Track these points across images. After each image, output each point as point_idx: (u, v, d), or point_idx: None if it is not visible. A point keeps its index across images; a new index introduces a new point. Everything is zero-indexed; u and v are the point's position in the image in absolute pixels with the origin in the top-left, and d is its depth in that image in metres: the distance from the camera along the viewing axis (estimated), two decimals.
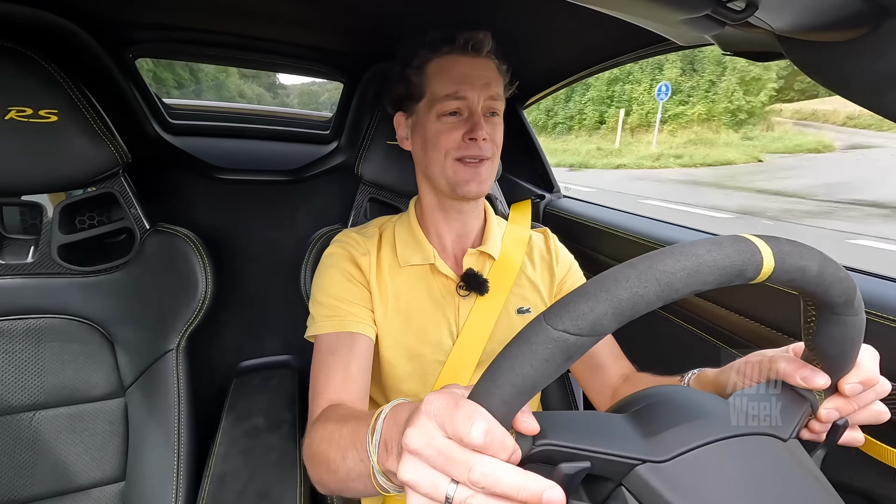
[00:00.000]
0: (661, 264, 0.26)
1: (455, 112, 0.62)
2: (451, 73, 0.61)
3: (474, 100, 0.61)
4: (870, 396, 0.37)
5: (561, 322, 0.25)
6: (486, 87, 0.62)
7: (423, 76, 0.63)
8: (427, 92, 0.63)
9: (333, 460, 0.43)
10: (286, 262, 1.14)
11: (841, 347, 0.34)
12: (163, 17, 0.88)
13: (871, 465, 0.47)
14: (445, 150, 0.62)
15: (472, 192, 0.63)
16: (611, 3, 0.42)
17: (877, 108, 0.36)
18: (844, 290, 0.31)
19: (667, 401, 0.33)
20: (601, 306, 0.25)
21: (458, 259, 0.69)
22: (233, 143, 1.19)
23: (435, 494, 0.26)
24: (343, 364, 0.58)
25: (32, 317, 0.68)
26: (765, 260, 0.28)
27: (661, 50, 0.75)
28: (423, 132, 0.64)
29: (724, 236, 0.28)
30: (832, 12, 0.33)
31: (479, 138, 0.60)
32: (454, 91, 0.60)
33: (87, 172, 0.66)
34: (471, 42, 0.61)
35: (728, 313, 0.68)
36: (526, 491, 0.25)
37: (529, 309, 0.69)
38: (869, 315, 0.36)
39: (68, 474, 0.68)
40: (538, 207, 1.18)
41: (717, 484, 0.27)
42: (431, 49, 0.62)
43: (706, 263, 0.26)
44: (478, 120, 0.61)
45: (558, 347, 0.25)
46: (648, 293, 0.26)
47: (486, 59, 0.63)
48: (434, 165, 0.63)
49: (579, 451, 0.28)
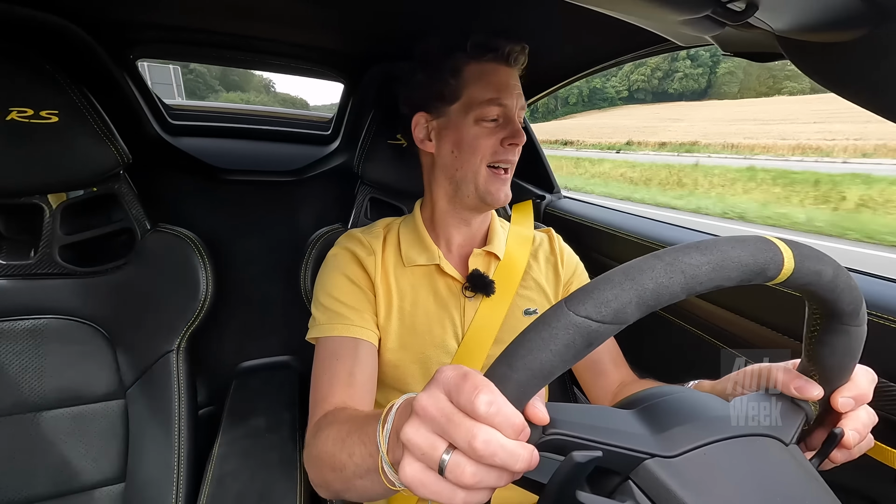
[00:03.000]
0: (687, 257, 0.26)
1: (494, 119, 0.63)
2: (492, 80, 0.62)
3: (512, 108, 0.63)
4: (861, 417, 0.37)
5: (584, 308, 0.25)
6: (520, 97, 0.64)
7: (460, 79, 0.63)
8: (464, 95, 0.63)
9: (340, 459, 0.43)
10: (286, 262, 1.14)
11: (841, 358, 0.34)
12: (163, 18, 0.88)
13: (871, 465, 0.47)
14: (482, 154, 0.63)
15: (500, 201, 0.65)
16: (611, 3, 0.42)
17: (877, 109, 0.36)
18: (853, 299, 0.31)
19: (674, 399, 0.33)
20: (626, 294, 0.25)
21: (463, 260, 0.69)
22: (233, 143, 1.19)
23: (430, 455, 0.27)
24: (347, 369, 0.58)
25: (33, 317, 0.68)
26: (786, 261, 0.28)
27: (661, 50, 0.75)
28: (458, 135, 0.63)
29: (747, 235, 0.28)
30: (832, 13, 0.33)
31: (520, 143, 0.63)
32: (496, 97, 0.61)
33: (87, 173, 0.66)
34: (513, 55, 0.63)
35: (728, 314, 0.68)
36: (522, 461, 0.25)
37: (536, 310, 0.69)
38: (869, 315, 0.36)
39: (69, 475, 0.68)
40: (539, 208, 1.17)
41: (724, 481, 0.28)
42: (473, 54, 0.62)
43: (731, 259, 0.27)
44: (517, 127, 0.63)
45: (579, 333, 0.25)
46: (673, 284, 0.26)
47: (517, 70, 0.65)
48: (466, 169, 0.64)
49: (589, 442, 0.27)
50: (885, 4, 0.30)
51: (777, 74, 58.01)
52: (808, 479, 0.30)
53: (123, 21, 0.86)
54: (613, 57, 0.84)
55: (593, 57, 0.88)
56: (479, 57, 0.62)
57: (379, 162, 0.82)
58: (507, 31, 0.62)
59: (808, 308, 0.34)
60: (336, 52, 1.03)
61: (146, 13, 0.85)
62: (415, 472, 0.27)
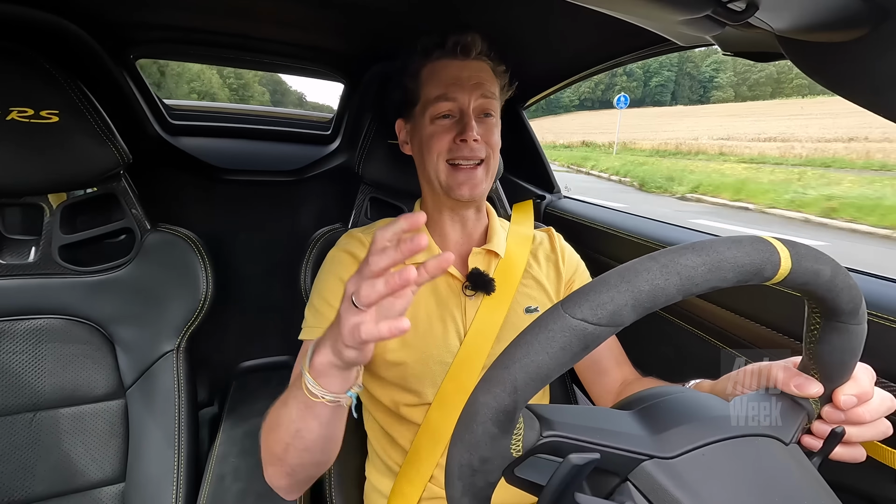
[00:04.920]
0: (682, 258, 0.26)
1: (447, 115, 0.63)
2: (441, 76, 0.63)
3: (464, 101, 0.62)
4: (870, 411, 0.37)
5: (580, 311, 0.25)
6: (477, 87, 0.63)
7: (417, 82, 0.65)
8: (421, 96, 0.64)
9: (278, 415, 0.47)
10: (286, 262, 1.14)
11: (841, 356, 0.34)
12: (164, 18, 0.88)
13: (871, 465, 0.47)
14: (438, 152, 0.63)
15: (466, 195, 0.63)
16: (611, 3, 0.42)
17: (877, 108, 0.36)
18: (852, 297, 0.31)
19: (673, 400, 0.33)
20: (622, 297, 0.25)
21: (463, 259, 0.69)
22: (233, 143, 1.19)
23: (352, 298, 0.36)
24: None
25: (33, 317, 0.68)
26: (782, 261, 0.28)
27: (661, 50, 0.75)
28: (420, 136, 0.65)
29: (742, 236, 0.28)
30: (832, 13, 0.33)
31: (470, 139, 0.61)
32: (444, 93, 0.62)
33: (88, 173, 0.66)
34: (460, 45, 0.63)
35: (728, 314, 0.68)
36: None
37: (537, 308, 0.69)
38: (869, 315, 0.36)
39: (68, 475, 0.68)
40: (539, 208, 1.17)
41: (723, 482, 0.27)
42: (424, 55, 0.64)
43: (727, 260, 0.27)
44: (468, 121, 0.62)
45: (576, 336, 0.25)
46: (669, 286, 0.26)
47: (478, 62, 0.64)
48: (429, 168, 0.65)
49: (587, 444, 0.27)
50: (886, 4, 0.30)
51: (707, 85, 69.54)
52: (807, 480, 0.30)
53: (123, 21, 0.86)
54: (613, 57, 0.84)
55: (593, 57, 0.88)
56: (429, 55, 0.64)
57: (379, 162, 0.82)
58: (456, 24, 0.63)
59: (807, 307, 0.34)
60: (336, 52, 1.03)
61: (146, 13, 0.85)
62: (344, 310, 0.37)
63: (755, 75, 62.59)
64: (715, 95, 66.90)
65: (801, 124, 26.16)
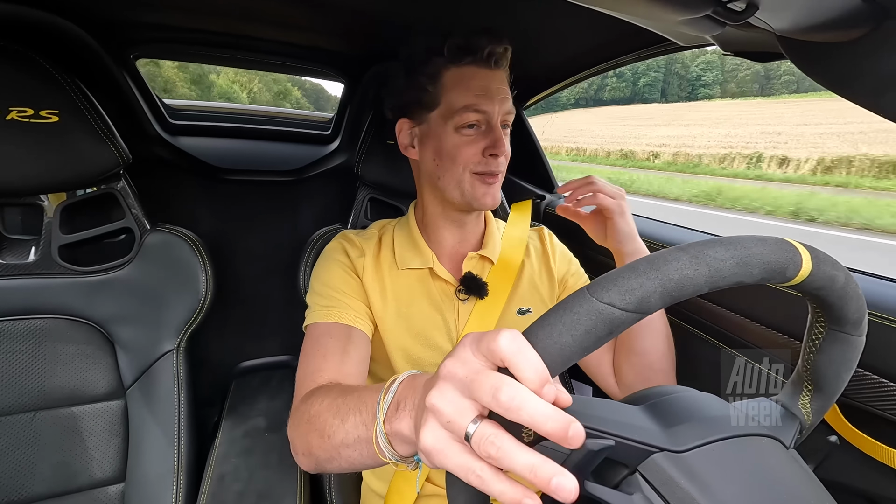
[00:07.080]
0: (712, 250, 0.27)
1: (473, 125, 0.60)
2: (470, 85, 0.59)
3: (493, 113, 0.60)
4: None
5: (607, 295, 0.25)
6: (504, 101, 0.61)
7: (438, 85, 0.60)
8: (442, 102, 0.60)
9: (330, 425, 0.41)
10: (286, 262, 1.14)
11: (837, 368, 0.35)
12: (164, 18, 0.88)
13: (871, 465, 0.47)
14: (464, 164, 0.61)
15: (489, 205, 0.63)
16: (611, 3, 0.42)
17: (877, 109, 0.36)
18: (859, 307, 0.31)
19: (682, 397, 0.33)
20: (650, 283, 0.25)
21: (457, 263, 0.69)
22: (233, 143, 1.19)
23: (457, 423, 0.25)
24: (340, 348, 0.56)
25: (33, 317, 0.68)
26: (804, 263, 0.28)
27: (661, 50, 0.75)
28: (438, 144, 0.62)
29: (767, 236, 0.29)
30: (832, 13, 0.33)
31: (501, 154, 0.60)
32: (473, 103, 0.59)
33: (88, 173, 0.66)
34: (494, 56, 0.59)
35: (728, 314, 0.68)
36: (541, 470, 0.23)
37: (530, 310, 0.69)
38: (869, 315, 0.36)
39: (68, 475, 0.68)
40: (539, 208, 1.17)
41: (730, 477, 0.28)
42: (451, 58, 0.59)
43: (754, 256, 0.27)
44: (499, 136, 0.60)
45: (602, 320, 0.25)
46: (698, 277, 0.26)
47: (502, 71, 0.62)
48: (449, 178, 0.62)
49: (601, 433, 0.28)
50: (886, 4, 0.30)
51: (695, 83, 76.21)
52: (810, 481, 0.30)
53: (123, 21, 0.86)
54: (613, 57, 0.84)
55: (593, 57, 0.88)
56: (457, 61, 0.59)
57: (378, 162, 0.82)
58: (488, 31, 0.59)
59: (811, 315, 0.34)
60: (336, 52, 1.03)
61: (146, 13, 0.85)
62: (437, 440, 0.26)
63: (742, 73, 65.22)
64: (702, 93, 70.41)
65: None
